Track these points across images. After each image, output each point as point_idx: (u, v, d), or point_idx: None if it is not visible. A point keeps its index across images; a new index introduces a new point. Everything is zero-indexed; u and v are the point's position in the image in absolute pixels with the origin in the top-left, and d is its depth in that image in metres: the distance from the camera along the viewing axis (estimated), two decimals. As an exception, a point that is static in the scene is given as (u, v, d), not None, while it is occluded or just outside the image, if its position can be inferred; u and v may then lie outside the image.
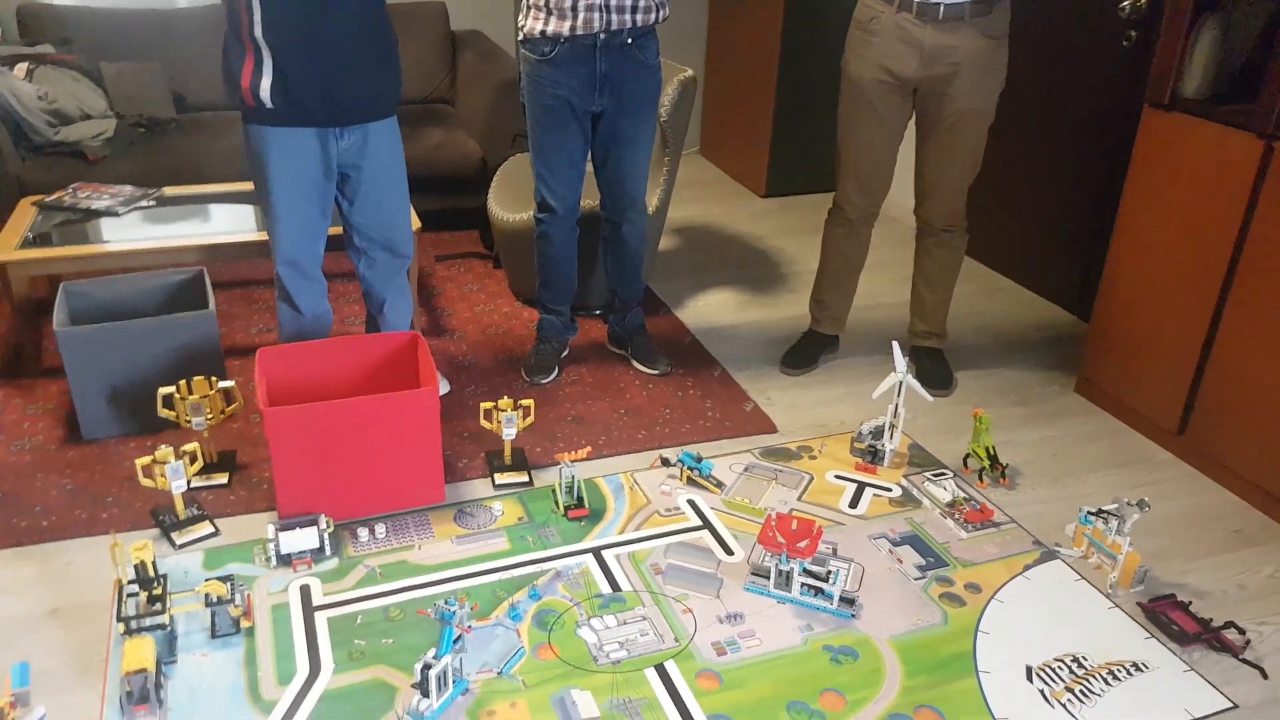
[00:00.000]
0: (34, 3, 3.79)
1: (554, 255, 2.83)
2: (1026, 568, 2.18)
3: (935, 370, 2.94)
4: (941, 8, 2.47)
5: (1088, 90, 3.30)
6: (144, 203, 3.09)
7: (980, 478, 2.48)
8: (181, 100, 3.85)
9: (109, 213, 3.01)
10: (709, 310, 3.42)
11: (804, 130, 4.48)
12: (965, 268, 3.08)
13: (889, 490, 2.43)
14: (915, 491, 2.43)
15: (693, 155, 5.20)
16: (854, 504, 2.37)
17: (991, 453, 2.47)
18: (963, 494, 2.40)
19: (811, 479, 2.47)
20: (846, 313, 3.05)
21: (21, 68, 3.49)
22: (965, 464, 2.54)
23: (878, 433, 2.54)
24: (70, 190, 3.13)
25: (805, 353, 3.04)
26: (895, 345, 2.51)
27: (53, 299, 2.52)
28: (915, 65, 2.55)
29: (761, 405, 2.80)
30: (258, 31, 2.14)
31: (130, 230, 2.91)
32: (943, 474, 2.49)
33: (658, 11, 2.54)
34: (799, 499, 2.39)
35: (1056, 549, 2.23)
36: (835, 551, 2.19)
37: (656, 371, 2.94)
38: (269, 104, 2.20)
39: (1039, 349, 3.23)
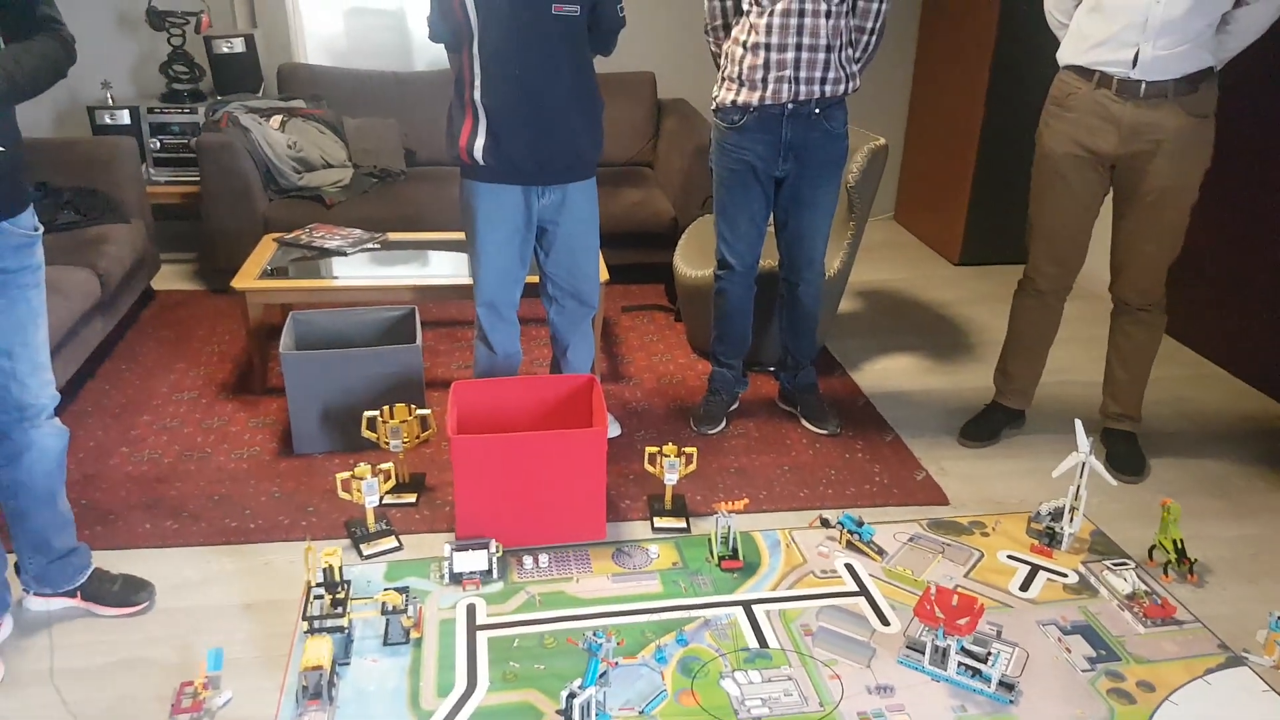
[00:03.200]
0: (292, 63, 4.33)
1: (730, 310, 2.89)
2: (1209, 671, 2.00)
3: (1127, 455, 2.76)
4: (1144, 85, 2.38)
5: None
6: (370, 245, 3.42)
7: (1165, 571, 2.30)
8: (412, 155, 4.24)
9: (338, 252, 3.35)
10: (887, 374, 3.37)
11: (1003, 199, 4.35)
12: (1170, 351, 2.89)
13: (1064, 576, 2.30)
14: (1093, 580, 2.28)
15: (886, 220, 5.16)
16: (1025, 587, 2.26)
17: (1179, 546, 2.29)
18: (1144, 587, 2.23)
19: (981, 556, 2.37)
20: (1034, 387, 2.92)
21: (277, 119, 3.98)
22: (1150, 556, 2.36)
23: (1057, 514, 2.41)
24: (307, 230, 3.52)
25: (986, 425, 2.93)
26: (1078, 424, 2.38)
27: (283, 325, 2.84)
28: (1113, 141, 2.46)
29: (934, 475, 2.72)
30: (477, 95, 2.36)
31: (355, 269, 3.23)
32: (1124, 564, 2.32)
33: (847, 83, 2.58)
34: (965, 575, 2.30)
35: (1245, 655, 2.04)
36: (999, 634, 2.10)
37: (825, 431, 2.92)
38: (482, 162, 2.41)
39: (1245, 441, 2.96)
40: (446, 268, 3.25)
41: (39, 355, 1.87)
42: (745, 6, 2.53)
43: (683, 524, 2.46)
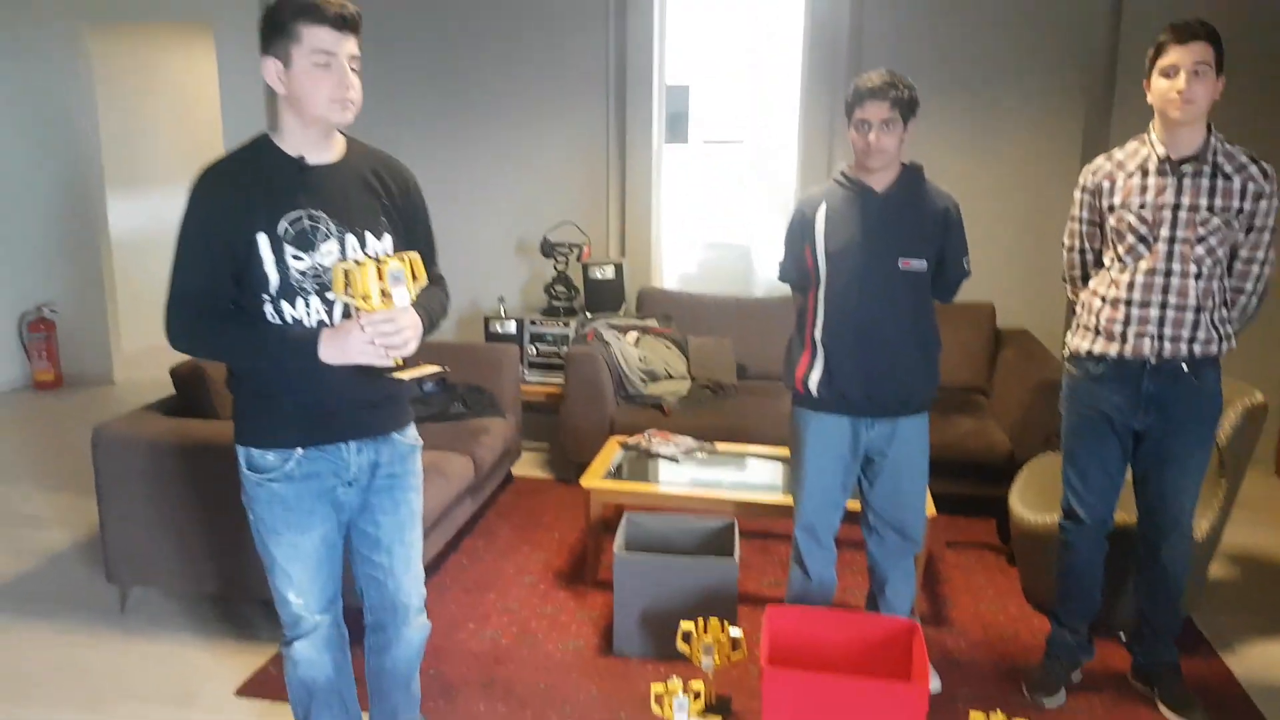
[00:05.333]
0: (652, 287, 4.85)
1: (1076, 567, 2.66)
2: None
3: None
4: None
5: None
6: (699, 454, 3.62)
7: None
8: (743, 369, 4.50)
9: (671, 458, 3.58)
10: (1269, 662, 2.87)
11: None
12: None
13: None
14: None
15: (1265, 473, 4.53)
16: None
17: None
18: None
19: None
20: None
21: (633, 335, 4.42)
22: None
23: None
24: (646, 435, 3.80)
25: None
26: None
27: (615, 519, 3.04)
28: None
29: (1337, 804, 2.23)
30: (818, 334, 2.50)
31: (684, 476, 3.43)
32: None
33: (1220, 344, 2.41)
34: None
35: None
36: None
37: (1188, 722, 2.53)
38: (815, 393, 2.52)
39: None
40: (768, 483, 3.35)
41: (413, 553, 2.13)
42: (1106, 261, 2.48)
43: (1010, 807, 2.21)
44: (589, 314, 4.65)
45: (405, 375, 1.86)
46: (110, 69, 5.91)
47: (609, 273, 4.65)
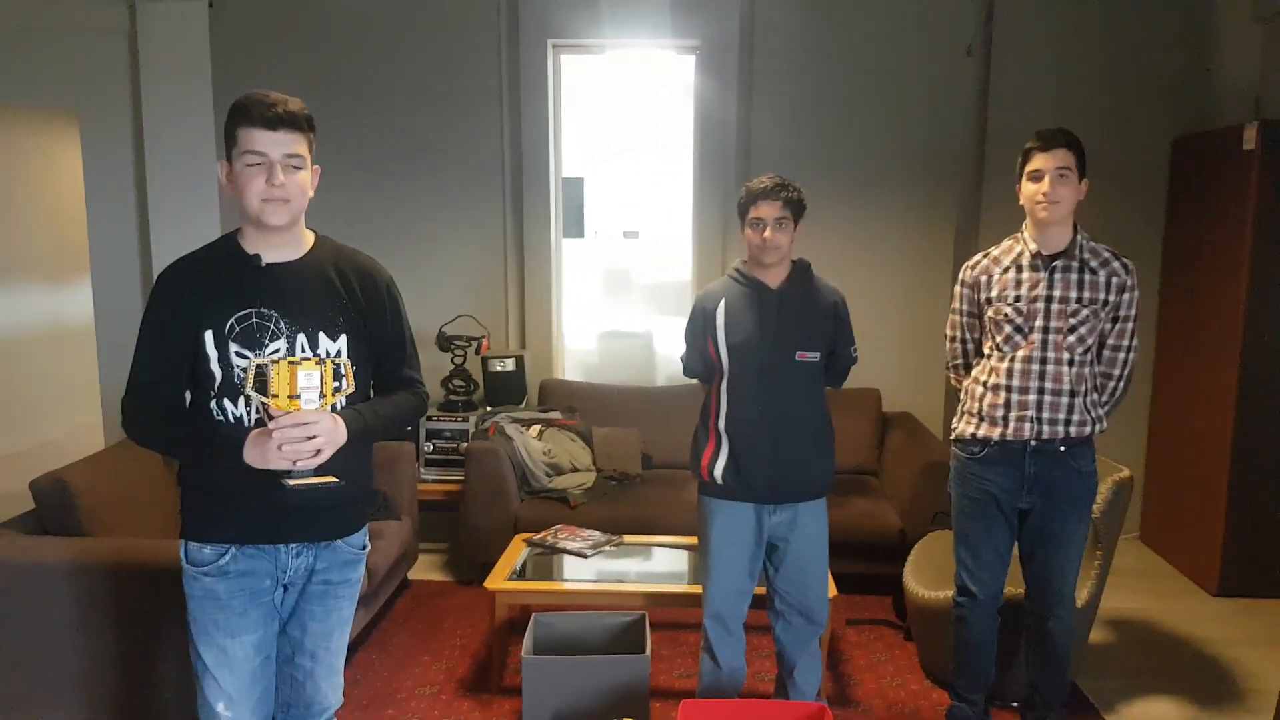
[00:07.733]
0: (554, 379, 4.87)
1: (971, 641, 2.78)
2: None
3: None
4: None
5: None
6: (607, 548, 3.62)
7: None
8: (648, 459, 4.55)
9: (578, 554, 3.56)
10: (1149, 721, 3.04)
11: (1266, 524, 4.01)
12: None
13: None
14: None
15: (1131, 540, 4.83)
16: None
17: None
18: None
19: None
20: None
21: (536, 428, 4.43)
22: None
23: None
24: (553, 531, 3.77)
25: (1280, 799, 2.55)
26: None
27: (520, 620, 2.99)
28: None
29: None
30: (722, 424, 2.60)
31: (592, 571, 3.42)
32: None
33: (1093, 425, 2.61)
34: None
35: None
36: None
37: (1084, 789, 2.65)
38: (721, 481, 2.60)
39: None
40: (676, 573, 3.39)
41: (336, 660, 2.09)
42: (986, 350, 2.68)
43: None
44: (489, 408, 4.63)
45: (296, 483, 1.82)
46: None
47: (509, 365, 4.65)
